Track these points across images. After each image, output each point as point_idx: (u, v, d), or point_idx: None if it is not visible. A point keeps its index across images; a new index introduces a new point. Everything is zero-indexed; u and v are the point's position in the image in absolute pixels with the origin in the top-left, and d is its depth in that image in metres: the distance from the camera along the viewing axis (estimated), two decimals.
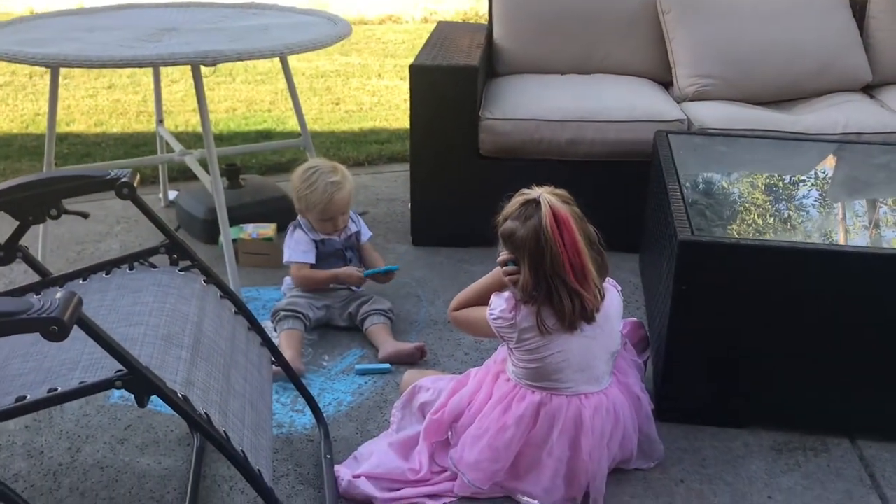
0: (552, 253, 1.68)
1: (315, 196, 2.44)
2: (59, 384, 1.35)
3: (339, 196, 2.45)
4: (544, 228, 1.68)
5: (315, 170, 2.47)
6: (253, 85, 5.23)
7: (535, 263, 1.71)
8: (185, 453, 1.96)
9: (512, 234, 1.74)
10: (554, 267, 1.69)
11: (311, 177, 2.46)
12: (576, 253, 1.70)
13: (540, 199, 1.71)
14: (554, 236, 1.68)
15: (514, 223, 1.73)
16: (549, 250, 1.68)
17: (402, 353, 2.33)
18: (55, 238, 3.01)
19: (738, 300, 1.94)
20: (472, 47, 3.08)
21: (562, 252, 1.69)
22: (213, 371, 1.55)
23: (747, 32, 3.16)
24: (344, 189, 2.46)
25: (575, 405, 1.77)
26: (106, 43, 2.53)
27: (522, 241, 1.71)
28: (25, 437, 2.01)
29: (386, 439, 1.94)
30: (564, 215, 1.70)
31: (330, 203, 2.45)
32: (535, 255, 1.70)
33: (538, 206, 1.71)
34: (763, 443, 2.03)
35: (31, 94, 4.98)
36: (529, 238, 1.70)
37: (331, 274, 2.50)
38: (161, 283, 1.73)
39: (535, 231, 1.69)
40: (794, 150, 2.70)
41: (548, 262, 1.69)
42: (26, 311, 1.16)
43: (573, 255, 1.70)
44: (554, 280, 1.70)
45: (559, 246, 1.68)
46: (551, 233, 1.68)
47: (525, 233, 1.71)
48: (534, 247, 1.70)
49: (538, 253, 1.70)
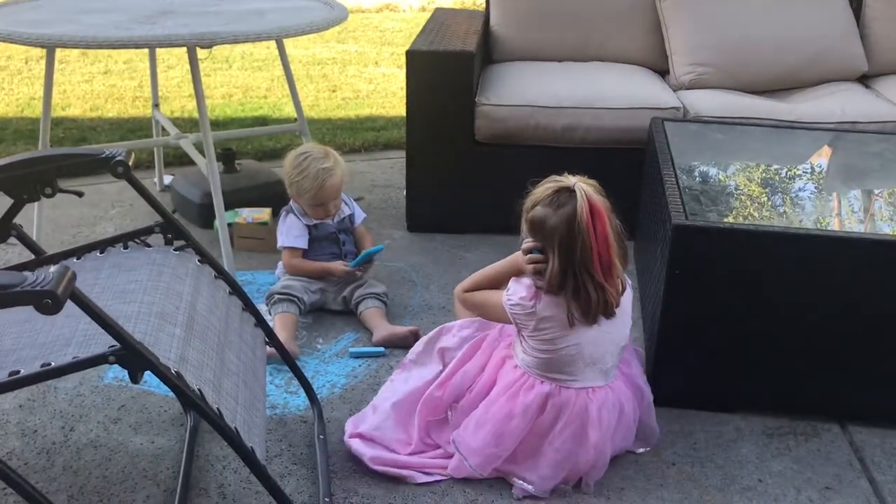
0: (584, 244, 1.64)
1: (307, 182, 2.44)
2: (53, 359, 1.35)
3: (330, 182, 2.45)
4: (580, 219, 1.63)
5: (306, 155, 2.47)
6: (249, 72, 5.21)
7: (565, 253, 1.66)
8: (179, 433, 1.97)
9: (543, 222, 1.69)
10: (583, 259, 1.66)
11: (302, 163, 2.46)
12: (606, 246, 1.67)
13: (575, 188, 1.67)
14: (588, 228, 1.64)
15: (545, 209, 1.68)
16: (581, 241, 1.64)
17: (395, 337, 2.34)
18: (50, 221, 3.00)
19: (732, 285, 1.95)
20: (469, 33, 3.08)
21: (593, 244, 1.65)
22: (206, 349, 1.56)
23: (744, 21, 3.16)
24: (335, 175, 2.46)
25: (582, 399, 1.77)
26: (102, 24, 2.52)
27: (553, 229, 1.67)
28: (19, 416, 2.02)
29: (392, 396, 1.92)
30: (599, 207, 1.66)
31: (322, 189, 2.44)
32: (566, 245, 1.66)
33: (572, 194, 1.66)
34: (754, 427, 2.04)
35: (27, 78, 4.97)
36: (561, 227, 1.65)
37: (320, 267, 2.50)
38: (155, 262, 1.73)
39: (568, 220, 1.65)
40: (790, 139, 2.71)
41: (578, 253, 1.65)
42: (20, 284, 1.17)
43: (603, 248, 1.67)
44: (581, 272, 1.67)
45: (591, 238, 1.65)
46: (586, 224, 1.64)
47: (557, 221, 1.66)
48: (565, 236, 1.65)
49: (570, 243, 1.65)
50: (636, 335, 2.38)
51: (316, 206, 2.50)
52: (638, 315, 2.50)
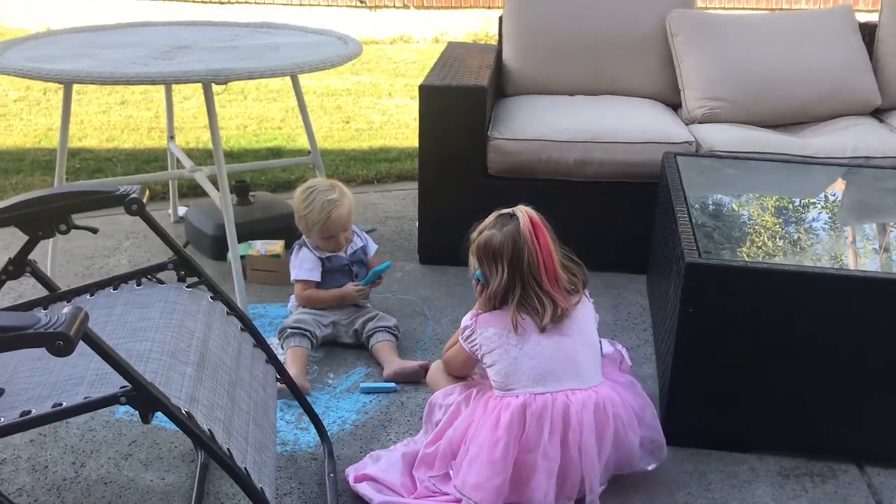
0: (529, 253, 1.82)
1: (314, 215, 2.46)
2: (65, 399, 1.35)
3: (336, 213, 2.46)
4: (523, 231, 1.82)
5: (312, 189, 2.49)
6: (264, 103, 5.26)
7: (513, 265, 1.83)
8: (189, 470, 1.96)
9: (489, 243, 1.86)
10: (530, 266, 1.83)
11: (308, 196, 2.48)
12: (549, 256, 1.85)
13: (516, 210, 1.87)
14: (531, 238, 1.83)
15: (490, 231, 1.87)
16: (528, 251, 1.82)
17: (406, 372, 2.33)
18: (64, 253, 3.02)
19: (746, 323, 1.93)
20: (482, 68, 3.10)
21: (537, 253, 1.83)
22: (217, 388, 1.55)
23: (756, 55, 3.16)
24: (342, 206, 2.47)
25: (561, 401, 1.79)
26: (119, 60, 2.56)
27: (500, 245, 1.84)
28: (30, 451, 2.02)
29: (403, 448, 1.97)
30: (538, 221, 1.86)
31: (329, 221, 2.46)
32: (513, 257, 1.83)
33: (514, 216, 1.86)
34: (770, 468, 2.01)
35: (45, 108, 5.03)
36: (507, 241, 1.83)
37: (333, 295, 2.51)
38: (168, 300, 1.73)
39: (513, 235, 1.83)
40: (803, 174, 2.70)
41: (525, 261, 1.82)
42: (33, 326, 1.17)
43: (547, 257, 1.84)
44: (528, 280, 1.83)
45: (535, 247, 1.83)
46: (529, 234, 1.82)
47: (503, 238, 1.84)
48: (511, 248, 1.83)
49: (516, 254, 1.83)
50: (649, 371, 2.37)
51: (326, 239, 2.50)
52: (651, 352, 2.48)
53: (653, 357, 2.45)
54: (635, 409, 1.90)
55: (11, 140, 4.43)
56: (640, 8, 3.34)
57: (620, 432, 1.84)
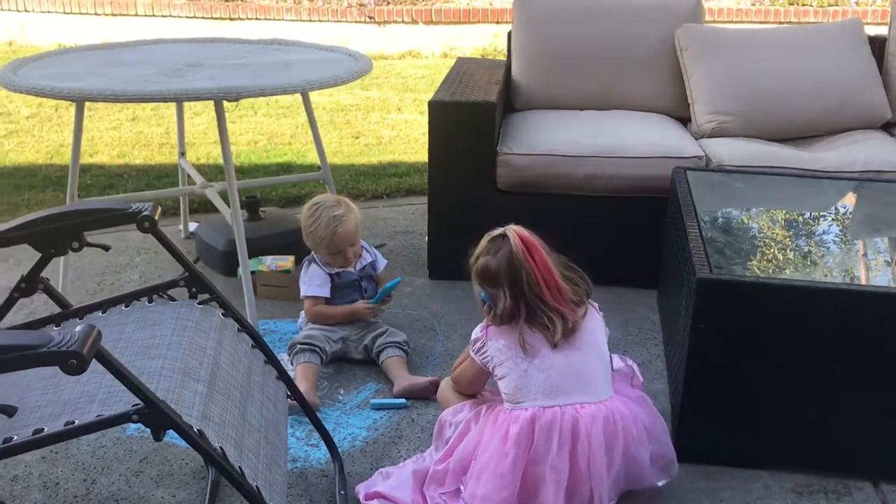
0: (528, 274, 1.82)
1: (320, 231, 2.47)
2: (77, 417, 1.36)
3: (342, 229, 2.46)
4: (515, 252, 1.82)
5: (318, 205, 2.50)
6: (274, 118, 5.29)
7: (514, 287, 1.83)
8: (200, 487, 1.96)
9: (487, 269, 1.86)
10: (531, 286, 1.82)
11: (315, 213, 2.49)
12: (548, 271, 1.84)
13: (506, 231, 1.87)
14: (526, 258, 1.82)
15: (485, 258, 1.88)
16: (525, 272, 1.82)
17: (416, 388, 2.33)
18: (76, 269, 3.04)
19: (758, 339, 1.93)
20: (491, 83, 3.11)
21: (535, 272, 1.82)
22: (229, 405, 1.56)
23: (766, 69, 3.16)
24: (348, 221, 2.48)
25: (570, 414, 1.78)
26: (131, 78, 2.58)
27: (497, 270, 1.84)
28: (42, 468, 2.02)
29: (413, 465, 1.96)
30: (530, 239, 1.85)
31: (335, 236, 2.46)
32: (513, 280, 1.83)
33: (504, 238, 1.86)
34: (783, 484, 2.00)
35: (57, 125, 5.07)
36: (503, 266, 1.83)
37: (343, 311, 2.52)
38: (179, 317, 1.74)
39: (507, 258, 1.83)
40: (814, 188, 2.69)
41: (525, 283, 1.82)
42: (46, 345, 1.17)
43: (547, 274, 1.83)
44: (533, 300, 1.83)
45: (532, 266, 1.82)
46: (522, 255, 1.82)
47: (498, 262, 1.84)
48: (509, 272, 1.83)
49: (515, 277, 1.82)
50: (661, 387, 2.35)
51: (334, 255, 2.51)
52: (662, 367, 2.47)
53: (664, 372, 2.44)
54: (646, 424, 1.89)
55: (24, 156, 4.47)
56: (648, 23, 3.35)
57: (630, 447, 1.83)
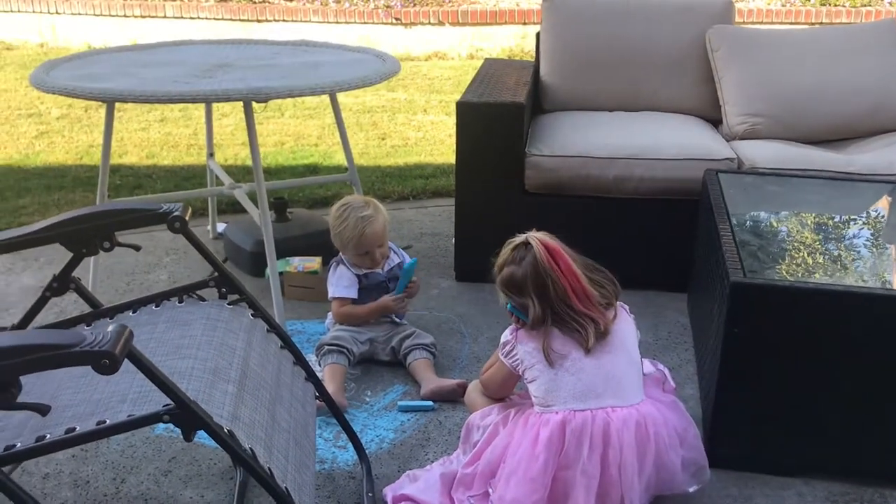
0: (554, 282, 1.79)
1: (347, 232, 2.47)
2: (108, 416, 1.36)
3: (370, 230, 2.46)
4: (541, 261, 1.80)
5: (346, 206, 2.50)
6: (301, 119, 5.30)
7: (541, 295, 1.80)
8: (228, 487, 1.96)
9: (512, 279, 1.84)
10: (558, 293, 1.80)
11: (343, 213, 2.49)
12: (574, 277, 1.81)
13: (528, 239, 1.84)
14: (551, 266, 1.80)
15: (510, 268, 1.84)
16: (551, 280, 1.79)
17: (443, 390, 2.32)
18: (105, 268, 3.06)
19: (792, 344, 1.89)
20: (519, 84, 3.09)
21: (561, 279, 1.80)
22: (258, 406, 1.55)
23: (799, 71, 3.12)
24: (376, 222, 2.47)
25: (601, 418, 1.76)
26: (160, 78, 2.59)
27: (523, 280, 1.81)
28: (72, 466, 2.03)
29: (440, 468, 1.95)
30: (554, 246, 1.83)
31: (363, 237, 2.46)
32: (540, 289, 1.80)
33: (527, 245, 1.83)
34: (818, 493, 1.96)
35: (87, 126, 5.12)
36: (530, 274, 1.80)
37: (371, 308, 2.51)
38: (209, 317, 1.74)
39: (532, 267, 1.80)
40: (849, 191, 2.65)
41: (551, 290, 1.79)
42: (79, 345, 1.18)
43: (573, 280, 1.81)
44: (561, 307, 1.80)
45: (558, 273, 1.80)
46: (547, 263, 1.80)
47: (524, 272, 1.81)
48: (535, 280, 1.80)
49: (541, 285, 1.80)
50: (691, 392, 2.32)
51: (362, 256, 2.51)
52: (693, 372, 2.44)
53: (695, 377, 2.40)
54: (677, 429, 1.86)
55: (54, 157, 4.51)
56: (679, 23, 3.31)
57: (662, 452, 1.81)
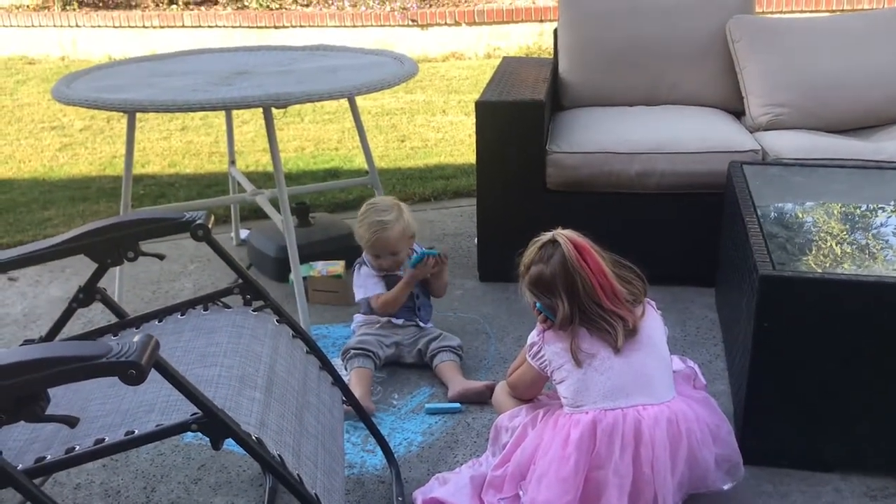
0: (583, 280, 1.77)
1: (362, 230, 2.48)
2: (137, 427, 1.36)
3: (383, 235, 2.44)
4: (569, 259, 1.77)
5: (371, 207, 2.50)
6: (321, 124, 5.31)
7: (570, 294, 1.78)
8: (258, 494, 1.96)
9: (541, 278, 1.81)
10: (587, 292, 1.77)
11: (365, 211, 2.49)
12: (603, 275, 1.79)
13: (556, 237, 1.82)
14: (580, 264, 1.77)
15: (538, 267, 1.82)
16: (580, 278, 1.77)
17: (471, 392, 2.30)
18: (131, 278, 3.08)
19: (825, 337, 1.86)
20: (538, 82, 3.07)
21: (590, 277, 1.77)
22: (286, 413, 1.55)
23: (822, 59, 3.07)
24: (391, 230, 2.44)
25: (632, 417, 1.73)
26: (179, 88, 2.60)
27: (552, 279, 1.79)
28: (103, 476, 2.04)
29: (470, 471, 1.93)
30: (582, 243, 1.80)
31: (375, 241, 2.45)
32: (569, 287, 1.78)
33: (555, 243, 1.81)
34: (855, 488, 1.92)
35: (109, 137, 5.16)
36: (558, 273, 1.78)
37: (404, 284, 2.47)
38: (235, 324, 1.74)
39: (562, 265, 1.78)
40: (878, 180, 2.60)
41: (580, 289, 1.77)
42: (105, 356, 1.17)
43: (601, 277, 1.79)
44: (590, 305, 1.78)
45: (587, 271, 1.77)
46: (576, 261, 1.77)
47: (552, 271, 1.79)
48: (564, 279, 1.78)
49: (570, 283, 1.77)
50: (722, 388, 2.29)
51: (375, 258, 2.50)
52: (723, 368, 2.41)
53: (725, 373, 2.37)
54: (710, 426, 1.83)
55: (78, 168, 4.55)
56: (698, 15, 3.27)
57: (694, 449, 1.78)
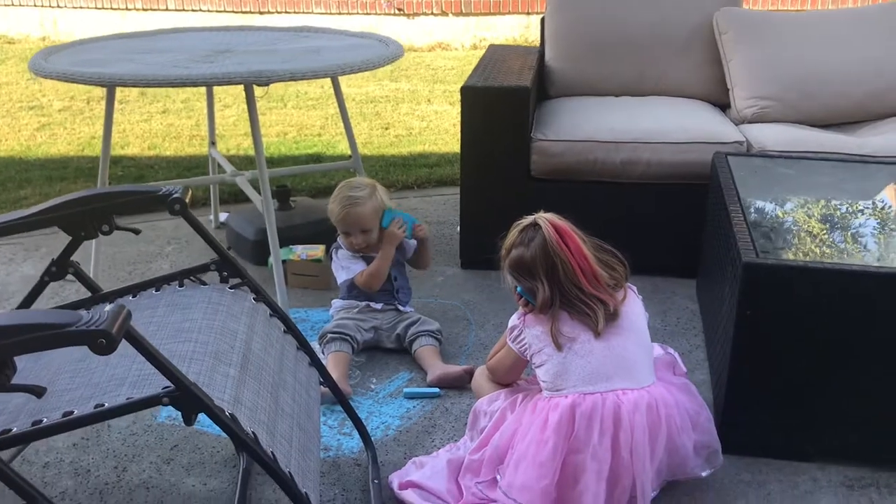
0: (563, 262, 1.76)
1: (333, 206, 2.46)
2: (107, 400, 1.33)
3: (353, 211, 2.43)
4: (550, 242, 1.77)
5: (346, 184, 2.49)
6: (304, 110, 5.26)
7: (551, 277, 1.77)
8: (231, 475, 1.92)
9: (521, 260, 1.80)
10: (567, 275, 1.77)
11: (339, 189, 2.48)
12: (583, 258, 1.78)
13: (537, 220, 1.81)
14: (560, 247, 1.77)
15: (518, 250, 1.82)
16: (560, 261, 1.76)
17: (449, 377, 2.28)
18: (106, 258, 3.03)
19: (806, 325, 1.85)
20: (524, 69, 3.05)
21: (571, 260, 1.77)
22: (261, 390, 1.52)
23: (808, 52, 3.07)
24: (361, 206, 2.43)
25: (612, 401, 1.72)
26: (160, 63, 2.56)
27: (532, 261, 1.78)
28: (73, 455, 2.00)
29: (447, 454, 1.92)
30: (563, 226, 1.80)
31: (346, 216, 2.44)
32: (549, 270, 1.77)
33: (536, 226, 1.80)
34: (832, 478, 1.92)
35: (88, 118, 5.08)
36: (539, 256, 1.78)
37: (383, 252, 2.45)
38: (210, 301, 1.70)
39: (542, 248, 1.77)
40: (861, 173, 2.60)
41: (561, 272, 1.76)
42: (75, 324, 1.14)
43: (582, 261, 1.78)
44: (570, 289, 1.77)
45: (567, 254, 1.77)
46: (557, 244, 1.77)
47: (532, 253, 1.79)
48: (544, 261, 1.77)
49: (551, 266, 1.77)
50: (702, 377, 2.28)
51: (346, 236, 2.48)
52: (703, 357, 2.40)
53: (705, 363, 2.37)
54: (689, 412, 1.83)
55: (56, 148, 4.48)
56: (685, 6, 3.26)
57: (674, 435, 1.77)
